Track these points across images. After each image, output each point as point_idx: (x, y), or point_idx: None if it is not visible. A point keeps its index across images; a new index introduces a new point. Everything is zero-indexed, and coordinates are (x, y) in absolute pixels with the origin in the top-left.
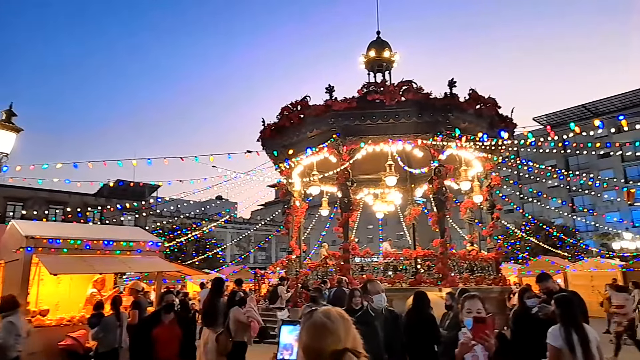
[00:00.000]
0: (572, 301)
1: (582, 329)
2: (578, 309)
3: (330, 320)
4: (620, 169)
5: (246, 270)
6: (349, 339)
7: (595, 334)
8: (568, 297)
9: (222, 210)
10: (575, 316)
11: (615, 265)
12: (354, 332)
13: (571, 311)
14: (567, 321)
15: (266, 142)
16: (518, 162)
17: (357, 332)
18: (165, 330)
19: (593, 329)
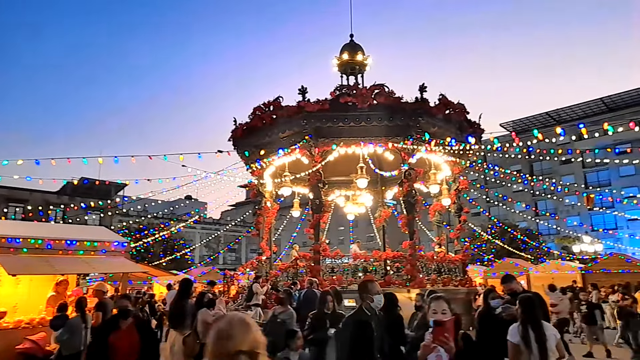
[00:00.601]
0: (534, 301)
1: (539, 327)
2: (539, 309)
3: (231, 326)
4: (581, 175)
5: (215, 272)
6: (246, 342)
7: (555, 332)
8: (531, 297)
9: (192, 211)
10: (535, 315)
11: (575, 267)
12: (255, 336)
13: (532, 311)
14: (526, 319)
15: (237, 142)
16: (485, 167)
17: (259, 335)
18: (122, 336)
19: (553, 328)
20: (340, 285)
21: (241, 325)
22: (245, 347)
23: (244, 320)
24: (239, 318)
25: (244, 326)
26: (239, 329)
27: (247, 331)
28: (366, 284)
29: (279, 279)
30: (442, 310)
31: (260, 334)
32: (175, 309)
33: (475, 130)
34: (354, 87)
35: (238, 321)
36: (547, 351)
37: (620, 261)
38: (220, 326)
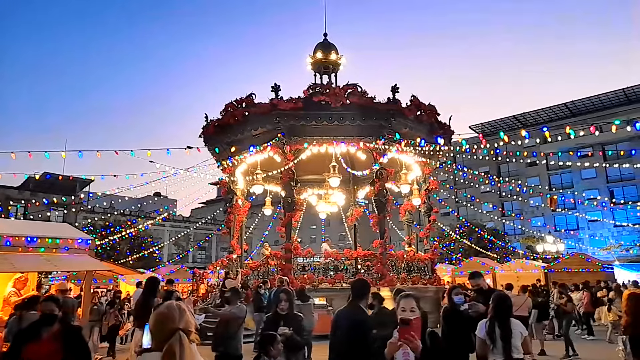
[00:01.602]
0: (506, 299)
1: (506, 324)
2: (509, 307)
3: (168, 309)
4: (545, 177)
5: (184, 270)
6: (181, 322)
7: (522, 329)
8: (505, 295)
9: (160, 208)
10: (504, 312)
11: (538, 266)
12: (188, 318)
13: (501, 307)
14: (495, 316)
15: (209, 139)
16: (454, 168)
17: (191, 318)
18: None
19: (520, 324)
20: (311, 283)
21: (178, 309)
22: (181, 325)
23: (180, 306)
24: (176, 304)
25: (180, 310)
26: (176, 312)
27: (182, 314)
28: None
29: (250, 278)
30: (410, 308)
31: (191, 317)
32: (141, 308)
33: (446, 132)
34: (327, 86)
35: (175, 306)
36: (510, 347)
37: (581, 260)
38: (160, 310)
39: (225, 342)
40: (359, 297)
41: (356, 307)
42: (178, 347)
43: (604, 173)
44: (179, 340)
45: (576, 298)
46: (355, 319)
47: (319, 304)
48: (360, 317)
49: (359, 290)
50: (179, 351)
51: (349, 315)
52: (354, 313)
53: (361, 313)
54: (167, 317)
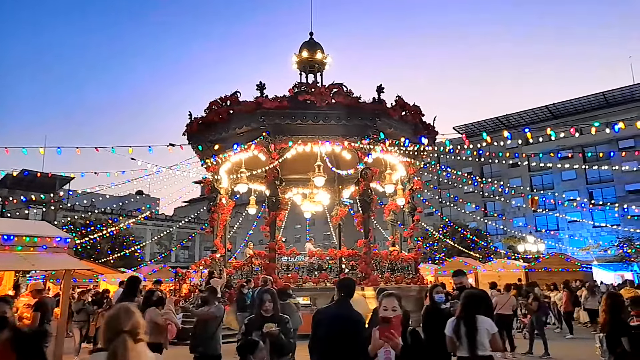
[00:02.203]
0: (474, 297)
1: (472, 322)
2: (477, 305)
3: (118, 312)
4: (527, 178)
5: (167, 270)
6: (128, 325)
7: (489, 327)
8: (473, 293)
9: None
10: (470, 310)
11: (519, 266)
12: (135, 320)
13: (469, 306)
14: (461, 314)
15: (192, 136)
16: (438, 168)
17: (140, 320)
18: None
19: (489, 322)
20: (295, 283)
21: (125, 312)
22: (127, 327)
23: (128, 308)
24: (125, 307)
25: (128, 312)
26: (123, 314)
27: (129, 317)
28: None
29: (233, 277)
30: (392, 307)
31: (140, 319)
32: None
33: (430, 132)
34: (312, 85)
35: (123, 309)
36: (475, 344)
37: (561, 260)
38: (109, 313)
39: (204, 342)
40: (348, 295)
41: (348, 306)
42: (121, 349)
43: (583, 175)
44: (123, 343)
45: (557, 298)
46: (351, 318)
47: (303, 303)
48: (356, 316)
49: (348, 289)
50: (121, 352)
51: (341, 314)
52: (349, 312)
53: (355, 312)
54: (114, 319)
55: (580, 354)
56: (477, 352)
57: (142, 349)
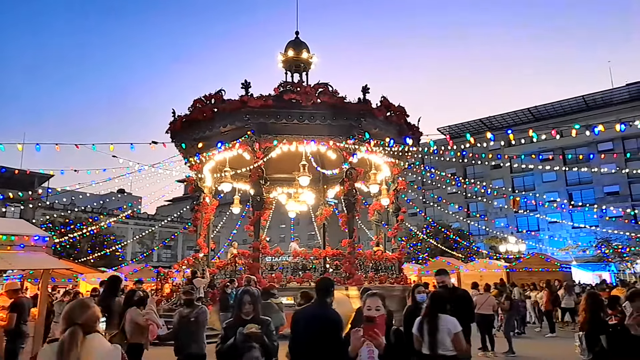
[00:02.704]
0: (439, 298)
1: (434, 320)
2: (441, 306)
3: (73, 306)
4: (509, 179)
5: (148, 269)
6: (81, 318)
7: (452, 326)
8: (438, 294)
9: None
10: (434, 310)
11: (501, 266)
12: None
13: (433, 306)
14: (425, 313)
15: (176, 134)
16: (422, 169)
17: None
18: None
19: (453, 322)
20: (279, 283)
21: (81, 306)
22: (81, 320)
23: (85, 303)
24: (82, 301)
25: (83, 306)
26: (78, 308)
27: (84, 310)
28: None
29: (217, 277)
30: (376, 307)
31: (96, 313)
32: (101, 307)
33: (414, 133)
34: (298, 84)
35: (80, 303)
36: (435, 342)
37: (541, 260)
38: (67, 306)
39: (190, 345)
40: (326, 296)
41: (326, 306)
42: (68, 339)
43: (563, 176)
44: (72, 333)
45: (539, 297)
46: (330, 318)
47: (287, 303)
48: (333, 315)
49: (326, 289)
50: (68, 342)
51: (318, 313)
52: (327, 312)
53: (332, 311)
54: (70, 312)
55: (561, 353)
56: (438, 351)
57: (95, 340)
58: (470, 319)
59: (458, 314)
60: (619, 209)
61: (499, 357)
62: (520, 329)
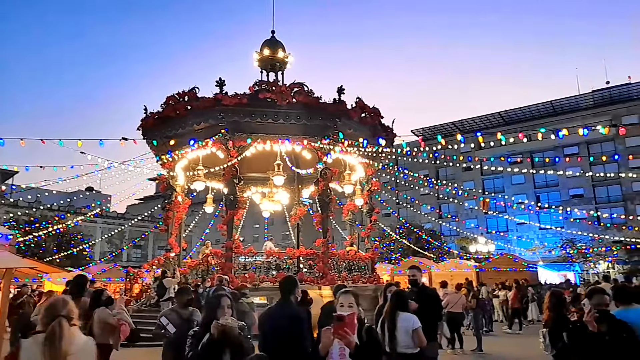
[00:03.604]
0: (401, 296)
1: (392, 319)
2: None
3: (56, 301)
4: (479, 182)
5: (117, 269)
6: (64, 310)
7: (410, 324)
8: (399, 292)
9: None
10: (394, 308)
11: (470, 266)
12: (70, 308)
13: (394, 303)
14: (387, 311)
15: (148, 131)
16: (396, 170)
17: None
18: None
19: (411, 319)
20: (252, 282)
21: (62, 301)
22: (64, 313)
23: (65, 299)
24: (62, 297)
25: (65, 301)
26: (61, 303)
27: (65, 305)
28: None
29: (189, 277)
30: (348, 304)
31: (74, 308)
32: None
33: (388, 135)
34: (273, 83)
35: (61, 299)
36: (394, 339)
37: (509, 260)
38: (48, 302)
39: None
40: (290, 294)
41: (291, 304)
42: (58, 328)
43: (531, 179)
44: (60, 323)
45: (509, 296)
46: (294, 315)
47: (260, 303)
48: (300, 313)
49: (289, 287)
50: (58, 330)
51: (282, 311)
52: (292, 310)
53: (296, 308)
54: (52, 306)
55: (527, 349)
56: (397, 349)
57: (75, 331)
58: (438, 317)
59: (426, 312)
60: (583, 211)
61: (467, 355)
62: (488, 327)
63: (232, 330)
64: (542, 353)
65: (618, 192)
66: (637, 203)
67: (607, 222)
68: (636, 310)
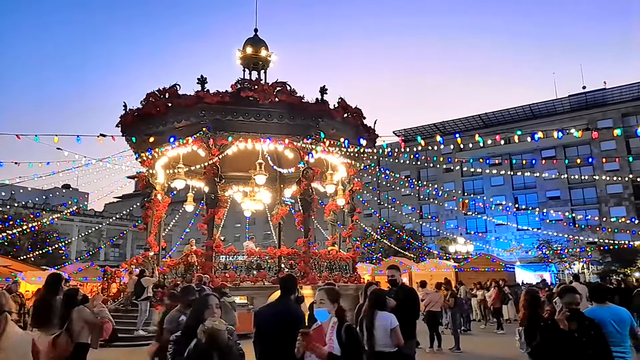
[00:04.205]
0: (379, 295)
1: (370, 317)
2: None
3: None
4: (460, 183)
5: (94, 268)
6: (7, 306)
7: (388, 323)
8: (376, 292)
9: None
10: (372, 307)
11: (450, 266)
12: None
13: (372, 302)
14: (365, 310)
15: (127, 129)
16: (378, 170)
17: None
18: None
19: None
20: (233, 282)
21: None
22: (7, 308)
23: (4, 293)
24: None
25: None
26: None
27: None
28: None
29: (167, 276)
30: (320, 300)
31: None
32: (40, 305)
33: (370, 135)
34: (255, 82)
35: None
36: (372, 338)
37: (487, 261)
38: None
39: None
40: (288, 292)
41: (290, 302)
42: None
43: (510, 181)
44: (5, 318)
45: (488, 295)
46: (289, 314)
47: (240, 302)
48: (295, 311)
49: (289, 285)
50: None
51: (280, 310)
52: (290, 307)
53: (294, 307)
54: None
55: (503, 347)
56: (375, 348)
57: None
58: (415, 316)
59: (404, 311)
60: (559, 212)
61: (445, 353)
62: (466, 326)
63: (221, 335)
64: (518, 351)
65: (593, 194)
66: (610, 205)
67: (582, 224)
68: (609, 308)
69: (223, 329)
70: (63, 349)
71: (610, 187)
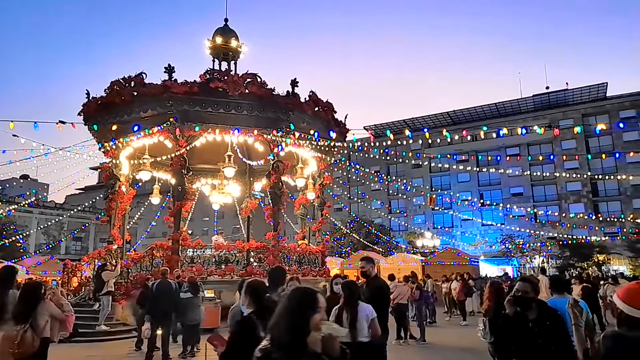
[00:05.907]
0: (353, 287)
1: (353, 309)
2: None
3: None
4: (428, 179)
5: (54, 262)
6: None
7: (369, 313)
8: (350, 283)
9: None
10: (352, 299)
11: (417, 259)
12: None
13: (349, 295)
14: (345, 302)
15: (90, 118)
16: (348, 165)
17: None
18: None
19: (370, 309)
20: (200, 276)
21: None
22: None
23: None
24: None
25: None
26: None
27: None
28: None
29: (131, 270)
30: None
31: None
32: None
33: (341, 129)
34: (225, 73)
35: None
36: (355, 330)
37: (453, 255)
38: None
39: None
40: (277, 285)
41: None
42: None
43: (476, 177)
44: None
45: (452, 287)
46: None
47: (208, 296)
48: None
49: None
50: None
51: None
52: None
53: None
54: None
55: (467, 338)
56: (358, 338)
57: None
58: (387, 308)
59: (375, 303)
60: (522, 208)
61: (411, 345)
62: (432, 319)
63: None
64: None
65: (554, 191)
66: (570, 202)
67: (543, 220)
68: (567, 299)
69: (343, 334)
70: (29, 345)
71: (569, 185)
